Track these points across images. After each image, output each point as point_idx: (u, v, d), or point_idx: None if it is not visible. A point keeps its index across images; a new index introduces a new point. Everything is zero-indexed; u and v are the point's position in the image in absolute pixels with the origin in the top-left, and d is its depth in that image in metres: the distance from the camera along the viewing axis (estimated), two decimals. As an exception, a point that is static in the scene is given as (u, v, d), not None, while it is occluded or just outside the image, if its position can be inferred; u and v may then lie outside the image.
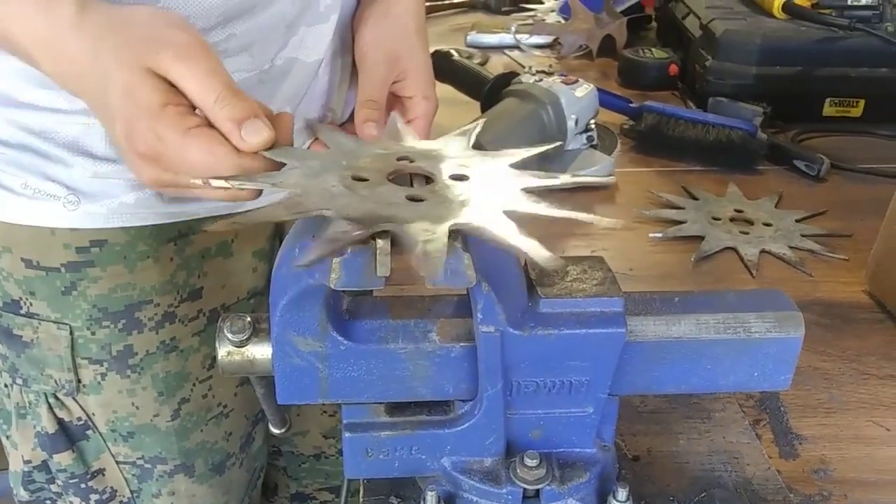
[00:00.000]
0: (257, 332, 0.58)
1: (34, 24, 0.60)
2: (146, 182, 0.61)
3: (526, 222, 0.51)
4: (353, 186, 0.54)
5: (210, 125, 0.57)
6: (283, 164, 0.56)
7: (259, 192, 0.58)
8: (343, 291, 0.56)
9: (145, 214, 0.77)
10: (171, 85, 0.57)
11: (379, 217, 0.50)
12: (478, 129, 0.64)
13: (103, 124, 0.63)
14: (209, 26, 0.71)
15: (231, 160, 0.57)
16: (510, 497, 0.60)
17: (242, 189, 0.57)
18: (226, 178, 0.56)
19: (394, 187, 0.54)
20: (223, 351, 0.58)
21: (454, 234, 0.50)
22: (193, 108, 0.58)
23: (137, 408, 0.86)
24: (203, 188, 0.58)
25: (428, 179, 0.56)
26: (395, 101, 0.82)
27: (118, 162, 0.75)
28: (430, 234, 0.48)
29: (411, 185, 0.56)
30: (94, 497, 0.90)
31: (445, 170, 0.57)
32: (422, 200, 0.52)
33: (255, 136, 0.56)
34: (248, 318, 0.58)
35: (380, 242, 0.48)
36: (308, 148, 0.86)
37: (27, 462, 0.88)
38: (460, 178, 0.56)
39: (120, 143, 0.60)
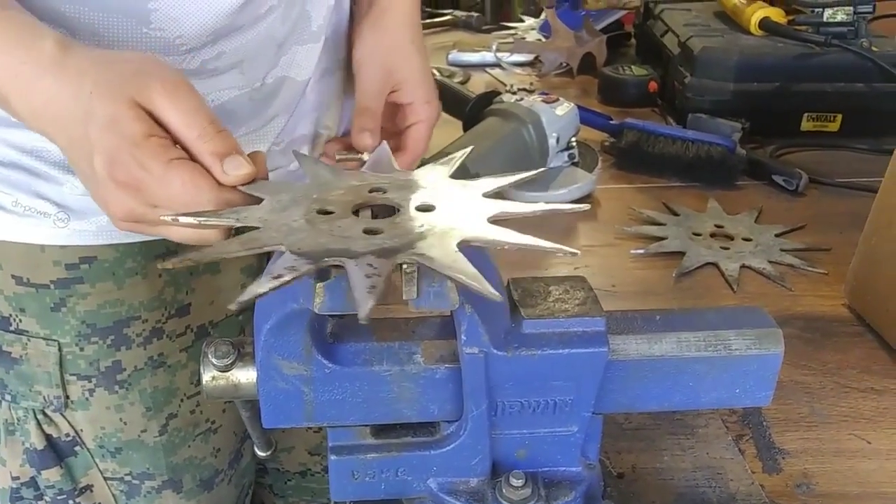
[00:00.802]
0: (242, 356, 0.58)
1: (11, 58, 0.60)
2: (117, 215, 0.60)
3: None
4: (315, 220, 0.54)
5: (191, 159, 0.57)
6: (261, 200, 0.56)
7: (228, 233, 0.58)
8: (327, 315, 0.57)
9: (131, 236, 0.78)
10: (155, 119, 0.58)
11: (329, 251, 0.50)
12: (462, 158, 0.65)
13: (76, 163, 0.62)
14: (199, 45, 0.72)
15: (212, 193, 0.57)
16: (496, 517, 0.60)
17: (209, 225, 0.57)
18: (193, 215, 0.56)
19: (353, 220, 0.54)
20: (208, 376, 0.58)
21: (397, 269, 0.50)
22: (175, 142, 0.58)
23: (125, 423, 0.87)
24: (169, 226, 0.58)
25: (395, 210, 0.56)
26: (395, 109, 0.83)
27: None
28: (371, 269, 0.48)
29: (381, 217, 0.56)
30: None
31: (414, 200, 0.57)
32: (379, 233, 0.52)
33: (237, 170, 0.57)
34: (233, 343, 0.58)
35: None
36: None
37: (15, 478, 0.88)
38: (427, 208, 0.56)
39: (96, 176, 0.59)
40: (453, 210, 0.56)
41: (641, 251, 1.08)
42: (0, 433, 0.88)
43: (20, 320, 0.82)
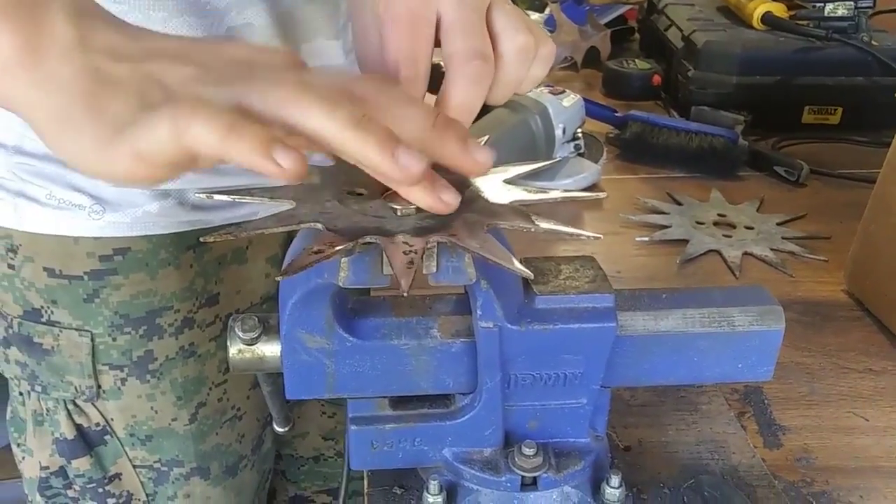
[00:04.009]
0: (267, 330, 0.60)
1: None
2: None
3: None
4: (346, 201, 0.57)
5: None
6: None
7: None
8: (348, 291, 0.59)
9: (166, 223, 0.79)
10: None
11: (364, 229, 0.53)
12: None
13: None
14: (226, 6, 0.72)
15: None
16: (509, 485, 0.63)
17: (243, 202, 0.59)
18: (227, 193, 0.59)
19: (383, 202, 0.57)
20: (234, 349, 0.60)
21: (440, 246, 0.53)
22: None
23: (156, 412, 0.88)
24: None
25: None
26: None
27: None
28: (408, 247, 0.51)
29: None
30: (110, 501, 0.91)
31: None
32: (409, 214, 0.55)
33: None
34: (257, 318, 0.61)
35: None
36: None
37: (44, 468, 0.90)
38: None
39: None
40: (478, 195, 0.58)
41: (646, 239, 1.10)
42: (28, 424, 0.90)
43: (52, 312, 0.83)
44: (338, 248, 0.51)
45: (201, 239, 0.53)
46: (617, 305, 0.61)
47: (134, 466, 0.90)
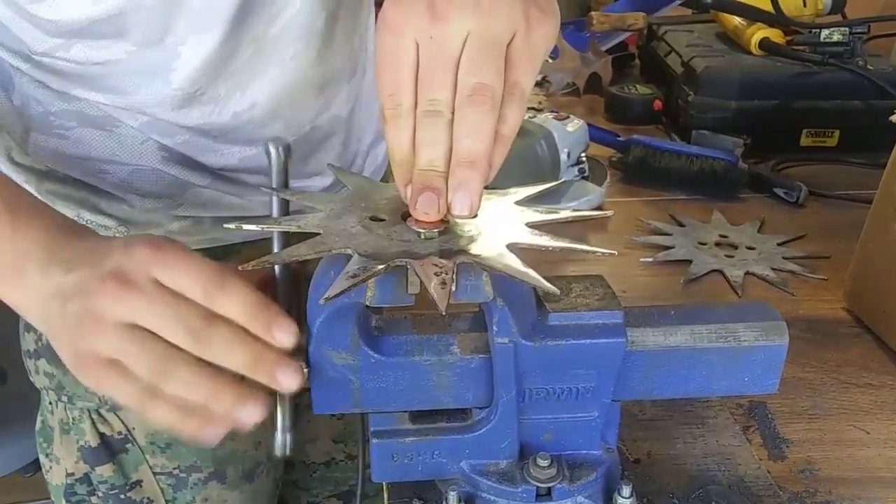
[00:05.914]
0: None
1: None
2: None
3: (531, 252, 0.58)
4: (371, 226, 0.59)
5: None
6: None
7: None
8: (371, 310, 0.62)
9: (187, 240, 0.83)
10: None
11: (394, 253, 0.56)
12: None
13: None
14: (223, 92, 0.76)
15: None
16: (525, 495, 0.65)
17: (270, 230, 0.62)
18: (256, 222, 0.63)
19: (405, 226, 0.59)
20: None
21: (461, 267, 0.56)
22: None
23: None
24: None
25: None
26: None
27: (162, 198, 0.81)
28: (438, 269, 0.54)
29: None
30: None
31: None
32: (432, 238, 0.58)
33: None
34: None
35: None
36: None
37: (70, 475, 0.93)
38: None
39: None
40: (494, 217, 0.61)
41: (650, 259, 1.13)
42: (55, 433, 0.93)
43: None
44: (374, 270, 0.54)
45: (240, 268, 0.56)
46: (628, 322, 0.64)
47: (154, 473, 0.93)
